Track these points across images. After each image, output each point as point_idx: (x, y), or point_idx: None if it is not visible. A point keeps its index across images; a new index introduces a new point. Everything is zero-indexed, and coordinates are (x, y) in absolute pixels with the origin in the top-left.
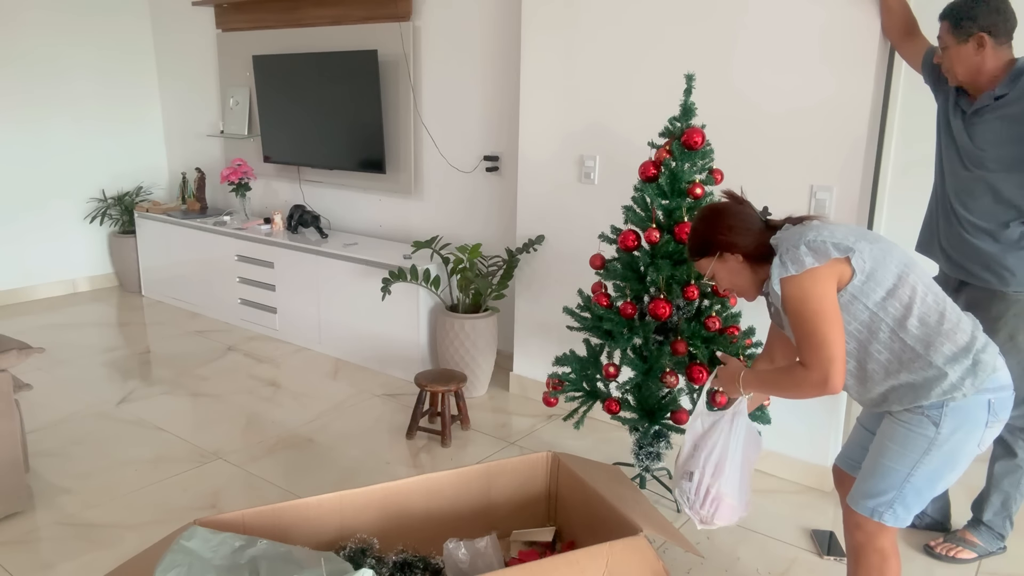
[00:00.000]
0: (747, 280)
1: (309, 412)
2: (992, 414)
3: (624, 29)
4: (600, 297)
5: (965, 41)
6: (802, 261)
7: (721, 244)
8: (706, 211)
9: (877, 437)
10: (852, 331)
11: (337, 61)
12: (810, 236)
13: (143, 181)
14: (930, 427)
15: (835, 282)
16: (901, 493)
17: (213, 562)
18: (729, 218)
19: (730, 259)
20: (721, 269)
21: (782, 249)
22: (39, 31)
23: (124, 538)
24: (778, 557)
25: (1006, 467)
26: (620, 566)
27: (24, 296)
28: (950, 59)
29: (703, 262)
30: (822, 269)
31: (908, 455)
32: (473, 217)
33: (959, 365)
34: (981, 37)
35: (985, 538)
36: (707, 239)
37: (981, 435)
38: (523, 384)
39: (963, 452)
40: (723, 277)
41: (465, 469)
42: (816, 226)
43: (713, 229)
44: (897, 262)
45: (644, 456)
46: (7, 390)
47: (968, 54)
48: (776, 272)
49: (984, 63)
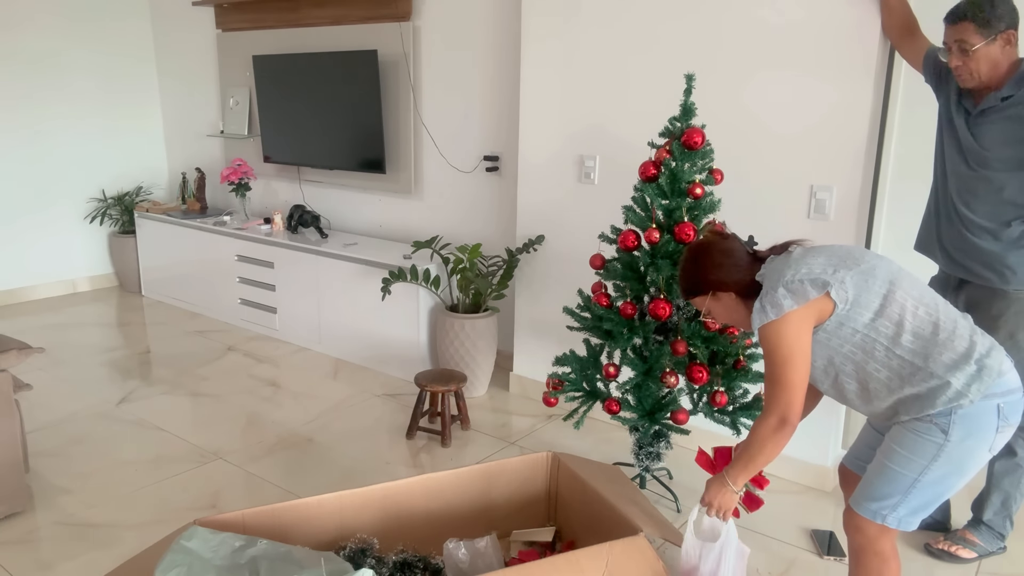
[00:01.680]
0: (742, 315)
1: (309, 412)
2: (1002, 419)
3: (624, 29)
4: (600, 297)
5: (994, 40)
6: (780, 305)
7: (712, 283)
8: (693, 251)
9: (885, 442)
10: (847, 354)
11: (337, 61)
12: (788, 275)
13: (143, 181)
14: (939, 434)
15: (812, 322)
16: (906, 498)
17: (213, 562)
18: (716, 256)
19: (723, 296)
20: (716, 306)
21: (763, 290)
22: (39, 31)
23: (124, 538)
24: (778, 557)
25: (1006, 466)
26: (620, 566)
27: (24, 296)
28: (977, 60)
29: (697, 300)
30: (800, 311)
31: (916, 461)
32: (473, 217)
33: (962, 372)
34: (1010, 34)
35: (985, 538)
36: (697, 279)
37: (992, 440)
38: (523, 384)
39: (973, 459)
40: (719, 314)
41: (465, 469)
42: (795, 259)
43: (702, 269)
44: (881, 281)
45: (644, 456)
46: (7, 390)
47: (995, 53)
48: (756, 318)
49: (1003, 61)
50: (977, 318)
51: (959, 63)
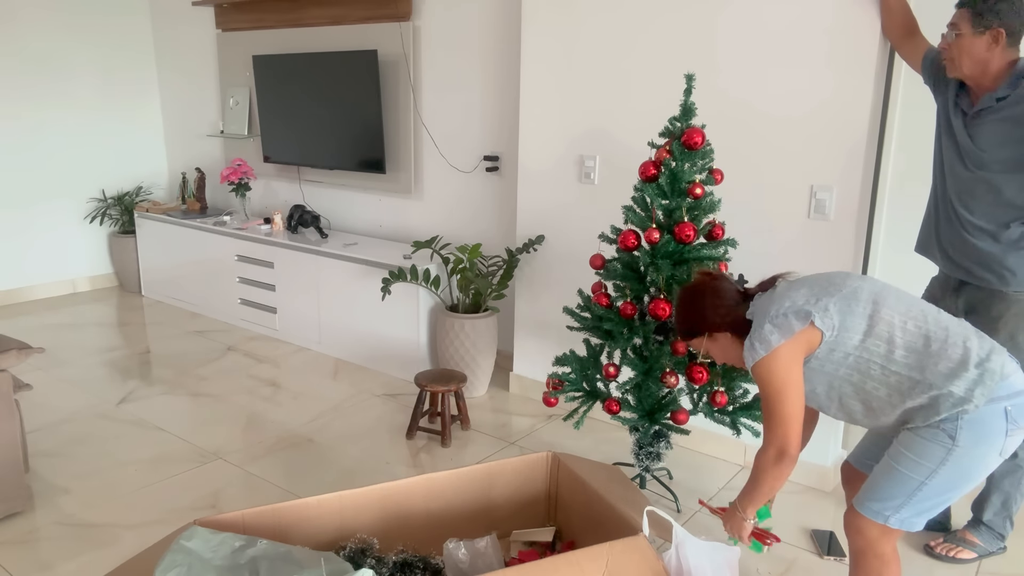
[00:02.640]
0: (738, 353)
1: (309, 412)
2: (1011, 421)
3: (625, 29)
4: (600, 297)
5: (982, 33)
6: (768, 341)
7: (707, 325)
8: (686, 295)
9: (893, 445)
10: (844, 376)
11: (337, 61)
12: (772, 311)
13: (143, 181)
14: (947, 439)
15: (802, 354)
16: (911, 500)
17: (213, 562)
18: (708, 298)
19: (719, 337)
20: (713, 347)
21: (752, 327)
22: (39, 30)
23: (124, 538)
24: (778, 557)
25: (1007, 467)
26: (620, 566)
27: (24, 296)
28: (960, 48)
29: (695, 342)
30: (788, 345)
31: (924, 465)
32: (473, 217)
33: (961, 380)
34: (999, 32)
35: (985, 538)
36: (693, 322)
37: (1002, 444)
38: (523, 384)
39: (982, 463)
40: (717, 354)
41: (465, 469)
42: (779, 294)
43: (696, 313)
44: (865, 302)
45: (644, 456)
46: (7, 390)
47: (980, 47)
48: (748, 356)
49: (992, 60)
50: (977, 320)
51: (945, 46)
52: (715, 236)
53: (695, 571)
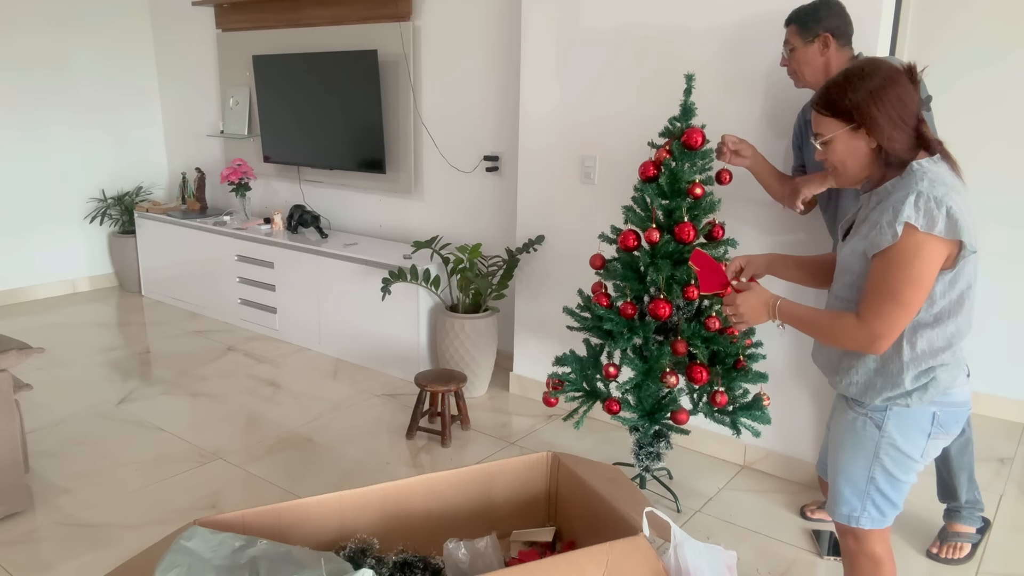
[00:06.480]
0: (859, 169)
1: (309, 412)
2: (937, 426)
3: (625, 29)
4: (600, 297)
5: (811, 42)
6: (935, 222)
7: (869, 120)
8: (874, 70)
9: (831, 436)
10: None
11: (337, 61)
12: (952, 204)
13: (143, 181)
14: (874, 429)
15: (941, 260)
16: (868, 497)
17: (213, 562)
18: (900, 94)
19: (863, 139)
20: (846, 142)
21: (919, 188)
22: (39, 30)
23: (124, 538)
24: (778, 557)
25: (960, 444)
26: (620, 566)
27: (24, 296)
28: (797, 60)
29: (830, 122)
30: (944, 243)
31: (860, 457)
32: (473, 217)
33: (917, 376)
34: (826, 37)
35: (968, 519)
36: (858, 105)
37: (924, 445)
38: (523, 384)
39: (911, 456)
40: (839, 150)
41: (465, 469)
42: (957, 193)
43: (875, 99)
44: (967, 278)
45: (644, 456)
46: (7, 390)
47: (814, 55)
48: (906, 212)
49: (830, 63)
50: None
51: (785, 63)
52: (715, 236)
53: (693, 572)
